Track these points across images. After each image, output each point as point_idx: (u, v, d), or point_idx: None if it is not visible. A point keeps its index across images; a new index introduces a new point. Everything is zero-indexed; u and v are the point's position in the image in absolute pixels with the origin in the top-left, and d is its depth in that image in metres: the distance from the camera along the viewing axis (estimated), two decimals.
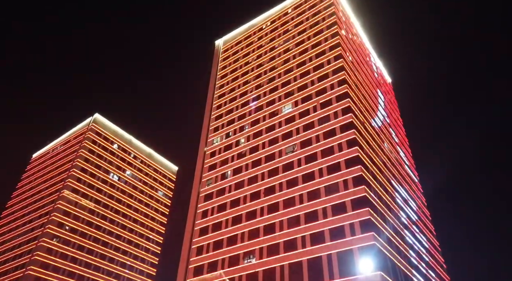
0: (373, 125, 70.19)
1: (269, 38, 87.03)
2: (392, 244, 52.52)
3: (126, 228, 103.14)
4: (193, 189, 73.71)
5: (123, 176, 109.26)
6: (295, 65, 75.56)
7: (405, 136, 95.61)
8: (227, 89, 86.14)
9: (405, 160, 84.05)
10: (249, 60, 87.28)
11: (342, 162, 56.02)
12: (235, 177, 67.51)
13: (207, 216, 66.04)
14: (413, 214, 70.87)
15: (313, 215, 53.21)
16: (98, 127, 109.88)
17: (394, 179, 68.86)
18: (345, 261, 46.33)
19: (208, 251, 60.73)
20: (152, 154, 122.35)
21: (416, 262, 59.75)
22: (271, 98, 74.31)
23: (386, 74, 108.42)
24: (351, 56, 75.90)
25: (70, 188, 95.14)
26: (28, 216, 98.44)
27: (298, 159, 61.22)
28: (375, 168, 60.55)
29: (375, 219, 49.98)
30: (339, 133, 59.50)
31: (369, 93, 78.02)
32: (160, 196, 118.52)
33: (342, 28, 78.27)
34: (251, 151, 69.09)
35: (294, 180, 59.13)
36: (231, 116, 79.26)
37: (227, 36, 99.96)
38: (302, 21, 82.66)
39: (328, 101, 64.78)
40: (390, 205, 59.66)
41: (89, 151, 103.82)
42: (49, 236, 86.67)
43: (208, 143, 79.10)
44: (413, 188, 79.38)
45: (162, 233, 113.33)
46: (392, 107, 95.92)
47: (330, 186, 54.67)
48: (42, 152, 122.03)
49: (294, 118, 67.34)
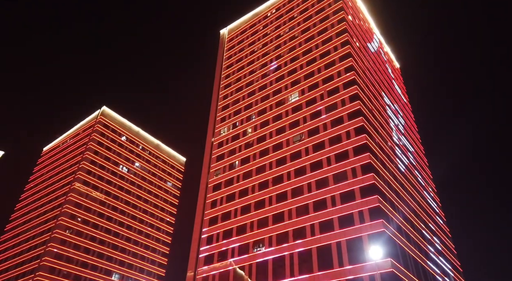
0: (381, 112, 69.33)
1: (274, 25, 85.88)
2: (402, 231, 52.35)
3: (136, 219, 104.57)
4: (202, 180, 74.12)
5: (132, 168, 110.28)
6: (301, 52, 74.59)
7: (414, 122, 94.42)
8: (233, 79, 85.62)
9: (414, 146, 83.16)
10: (255, 48, 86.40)
11: (350, 150, 55.61)
12: (243, 167, 67.59)
13: (216, 206, 66.47)
14: (423, 201, 70.41)
15: (322, 204, 53.16)
16: (106, 119, 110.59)
17: (403, 166, 68.25)
18: (355, 248, 46.38)
19: (218, 241, 61.29)
20: (160, 146, 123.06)
21: (427, 248, 59.58)
22: (277, 87, 73.69)
23: (395, 59, 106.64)
24: (358, 42, 74.59)
25: (81, 180, 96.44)
26: (41, 209, 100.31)
27: (305, 147, 60.93)
28: (384, 155, 60.02)
29: (384, 207, 49.75)
30: (346, 121, 58.93)
31: (377, 80, 76.88)
32: (169, 186, 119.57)
33: (349, 14, 76.78)
34: (258, 141, 68.93)
35: (302, 169, 58.97)
36: (237, 106, 78.96)
37: (232, 25, 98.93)
38: (308, 8, 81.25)
39: (335, 89, 64.02)
40: (399, 192, 59.27)
41: (98, 144, 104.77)
42: (62, 227, 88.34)
43: (216, 133, 79.10)
44: (422, 175, 78.69)
45: (172, 223, 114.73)
46: (401, 93, 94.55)
47: (338, 174, 54.44)
48: (52, 145, 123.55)
49: (301, 106, 66.79)
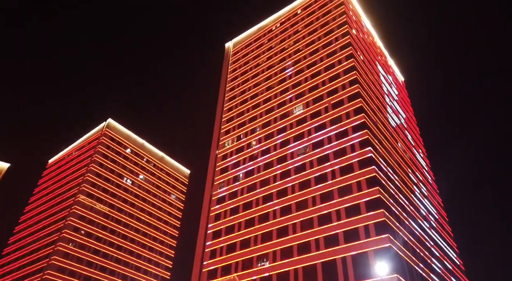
0: (386, 125, 69.02)
1: (279, 39, 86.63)
2: (408, 246, 51.37)
3: (140, 232, 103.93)
4: (206, 192, 73.75)
5: (136, 180, 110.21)
6: (306, 65, 74.95)
7: (419, 136, 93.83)
8: (237, 91, 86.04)
9: (419, 160, 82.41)
10: (259, 61, 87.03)
11: (355, 163, 55.16)
12: (247, 180, 67.23)
13: (219, 219, 65.89)
14: (429, 215, 69.32)
15: (327, 218, 52.47)
16: (111, 132, 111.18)
17: (409, 180, 67.51)
18: (360, 264, 45.49)
19: (222, 255, 60.53)
20: (164, 158, 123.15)
21: (434, 264, 58.32)
22: (282, 99, 73.85)
23: (399, 73, 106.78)
24: (362, 56, 74.88)
25: (85, 192, 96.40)
26: (45, 221, 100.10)
27: (310, 160, 60.57)
28: (389, 169, 59.45)
29: (390, 221, 48.97)
30: (351, 134, 58.65)
31: (382, 93, 76.83)
32: (173, 199, 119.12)
33: (353, 27, 77.33)
34: (262, 153, 68.72)
35: (307, 182, 58.48)
36: (242, 118, 79.08)
37: (237, 39, 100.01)
38: (312, 21, 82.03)
39: (340, 102, 63.98)
40: (405, 207, 58.44)
41: (103, 156, 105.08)
42: (66, 240, 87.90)
43: (220, 146, 79.05)
44: (428, 189, 77.71)
45: (175, 236, 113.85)
46: (405, 106, 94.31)
47: (343, 188, 53.87)
48: (58, 157, 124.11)
49: (305, 119, 66.72)
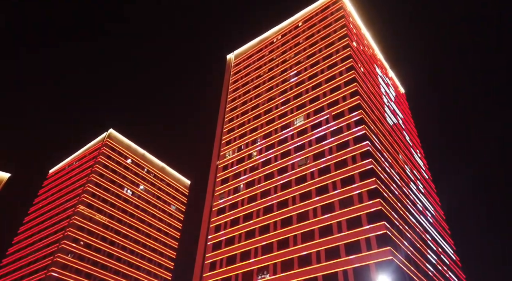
0: (386, 136, 68.96)
1: (281, 51, 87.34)
2: (410, 260, 50.73)
3: (139, 243, 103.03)
4: (206, 203, 73.34)
5: (136, 191, 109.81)
6: (307, 77, 75.37)
7: (420, 147, 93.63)
8: (239, 102, 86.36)
9: (421, 172, 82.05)
10: (261, 73, 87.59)
11: (356, 174, 54.93)
12: (247, 191, 66.91)
13: (220, 231, 65.37)
14: (431, 228, 68.65)
15: (328, 230, 52.00)
16: (112, 142, 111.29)
17: (410, 192, 67.09)
18: (362, 277, 44.90)
19: (222, 267, 59.83)
20: (165, 168, 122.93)
21: (436, 278, 57.47)
22: (283, 110, 74.04)
23: (399, 84, 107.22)
24: (363, 68, 75.33)
25: (85, 203, 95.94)
26: (44, 232, 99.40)
27: (311, 172, 60.36)
28: (390, 180, 59.15)
29: (392, 234, 48.48)
30: (352, 145, 58.56)
31: (382, 104, 77.00)
32: (173, 210, 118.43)
33: (354, 40, 77.99)
34: (263, 164, 68.56)
35: (308, 194, 58.17)
36: (243, 129, 79.18)
37: (239, 50, 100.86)
38: (313, 34, 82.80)
39: (341, 113, 64.10)
40: (407, 219, 57.93)
41: (103, 166, 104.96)
42: (65, 251, 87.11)
43: (221, 156, 78.95)
44: (430, 201, 77.15)
45: (175, 248, 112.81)
46: (406, 118, 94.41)
47: (344, 200, 53.53)
48: (58, 167, 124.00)
49: (306, 130, 66.75)
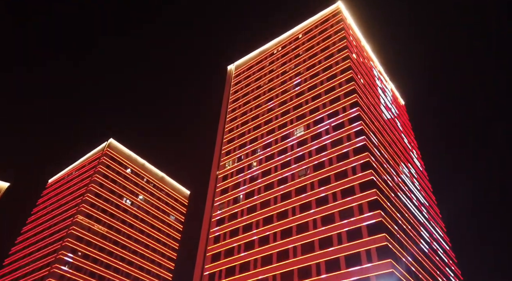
0: (387, 148, 69.01)
1: (281, 62, 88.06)
2: (411, 272, 50.21)
3: (137, 254, 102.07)
4: (205, 214, 72.93)
5: (135, 201, 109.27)
6: (307, 88, 75.82)
7: (420, 159, 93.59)
8: (239, 112, 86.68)
9: (421, 183, 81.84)
10: (261, 84, 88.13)
11: (356, 185, 54.79)
12: (247, 201, 66.63)
13: (219, 242, 64.85)
14: (432, 240, 68.14)
15: (328, 241, 51.62)
16: (112, 152, 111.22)
17: (411, 203, 66.79)
18: None
19: (220, 278, 59.15)
20: (164, 178, 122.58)
21: None
22: (283, 121, 74.26)
23: (399, 96, 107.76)
24: (362, 79, 75.86)
25: (84, 213, 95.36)
26: (42, 242, 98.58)
27: (311, 182, 60.21)
28: (390, 192, 58.95)
29: (392, 246, 48.11)
30: (352, 156, 58.55)
31: (382, 116, 77.27)
32: (172, 220, 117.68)
33: (353, 52, 78.71)
34: (263, 175, 68.42)
35: (308, 204, 57.91)
36: (243, 139, 79.28)
37: (239, 61, 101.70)
38: (313, 46, 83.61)
39: (341, 124, 64.27)
40: (407, 231, 57.54)
41: (103, 176, 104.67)
42: (62, 262, 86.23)
43: (220, 166, 78.86)
44: (431, 213, 76.75)
45: (173, 259, 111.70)
46: (406, 129, 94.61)
47: (344, 211, 53.27)
48: (58, 177, 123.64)
49: (306, 141, 66.84)
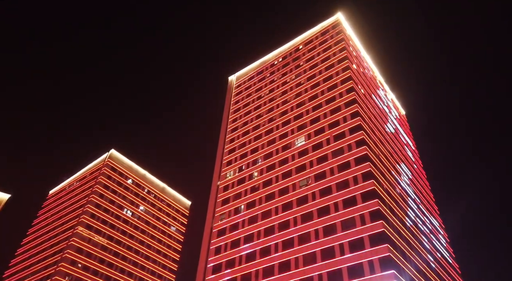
0: (388, 157, 68.82)
1: (281, 73, 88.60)
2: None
3: (138, 265, 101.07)
4: (206, 224, 72.46)
5: (136, 212, 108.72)
6: (307, 98, 76.07)
7: (422, 169, 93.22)
8: (240, 122, 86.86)
9: (424, 193, 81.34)
10: (262, 94, 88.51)
11: (358, 195, 54.48)
12: (248, 212, 66.23)
13: (220, 253, 64.26)
14: (435, 251, 67.38)
15: (330, 252, 51.09)
16: (113, 162, 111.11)
17: (413, 213, 66.28)
18: None
19: None
20: (165, 189, 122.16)
21: None
22: (283, 131, 74.32)
23: (400, 106, 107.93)
24: (363, 89, 76.14)
25: (84, 224, 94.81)
26: (41, 254, 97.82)
27: (312, 192, 59.91)
28: (393, 202, 58.57)
29: (395, 257, 47.56)
30: (353, 166, 58.37)
31: (383, 125, 77.30)
32: (173, 231, 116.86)
33: (353, 62, 79.20)
34: (264, 185, 68.17)
35: (309, 215, 57.52)
36: (244, 149, 79.25)
37: (240, 72, 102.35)
38: (313, 56, 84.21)
39: (342, 134, 64.27)
40: (410, 242, 56.96)
41: (104, 187, 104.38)
42: (62, 274, 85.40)
43: (221, 177, 78.66)
44: (434, 224, 76.08)
45: (174, 270, 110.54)
46: (407, 138, 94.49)
47: (346, 221, 52.86)
48: (59, 188, 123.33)
49: (307, 151, 66.76)
